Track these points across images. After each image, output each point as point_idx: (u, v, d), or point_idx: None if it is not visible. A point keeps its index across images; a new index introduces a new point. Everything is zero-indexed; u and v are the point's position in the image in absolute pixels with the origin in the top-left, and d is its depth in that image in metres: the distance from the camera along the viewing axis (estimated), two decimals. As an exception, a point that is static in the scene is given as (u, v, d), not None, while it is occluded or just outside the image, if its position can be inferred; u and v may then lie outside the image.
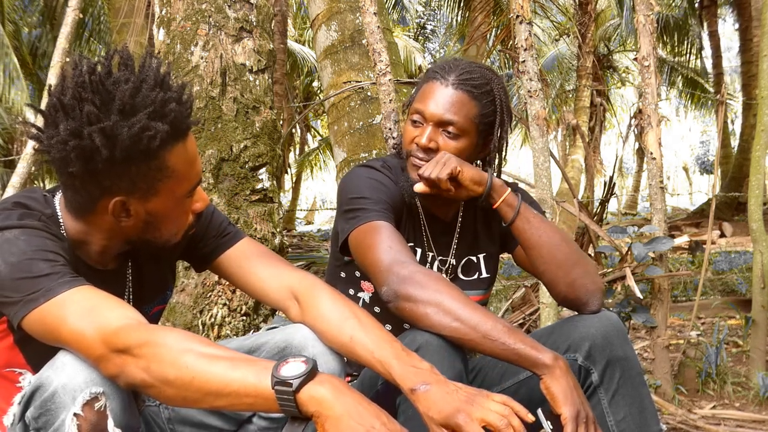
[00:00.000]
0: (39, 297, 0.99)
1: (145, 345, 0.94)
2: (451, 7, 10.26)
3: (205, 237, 1.33)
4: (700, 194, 29.77)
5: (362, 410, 0.90)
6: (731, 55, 18.43)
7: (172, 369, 0.93)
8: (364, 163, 1.56)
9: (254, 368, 0.93)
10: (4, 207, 1.11)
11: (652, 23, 2.44)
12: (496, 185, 1.43)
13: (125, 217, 1.12)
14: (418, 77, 8.30)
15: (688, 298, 4.64)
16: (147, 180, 1.08)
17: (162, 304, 1.38)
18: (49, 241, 1.07)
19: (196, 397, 0.94)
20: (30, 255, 1.02)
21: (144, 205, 1.11)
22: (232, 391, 0.92)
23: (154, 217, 1.14)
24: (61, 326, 0.98)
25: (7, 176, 9.40)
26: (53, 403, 0.95)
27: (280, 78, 9.60)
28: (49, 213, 1.15)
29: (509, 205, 1.43)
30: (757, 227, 2.70)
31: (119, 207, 1.10)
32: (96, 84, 1.03)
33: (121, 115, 1.02)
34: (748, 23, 10.67)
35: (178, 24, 2.66)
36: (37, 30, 11.33)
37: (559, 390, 1.14)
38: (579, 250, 1.45)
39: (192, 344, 0.95)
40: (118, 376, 0.96)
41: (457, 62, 1.48)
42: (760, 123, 2.72)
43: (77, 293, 1.01)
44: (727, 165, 12.11)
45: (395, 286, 1.24)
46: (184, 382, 0.93)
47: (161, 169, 1.08)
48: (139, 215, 1.12)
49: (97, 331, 0.96)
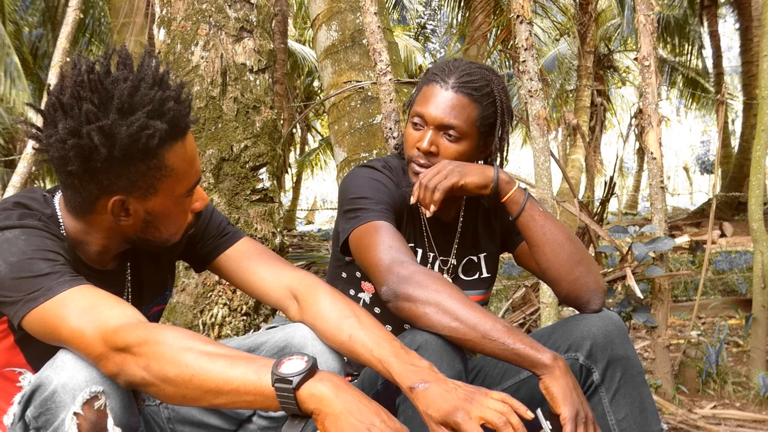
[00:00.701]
0: (39, 296, 0.99)
1: (145, 343, 0.94)
2: (452, 6, 10.25)
3: (204, 237, 1.33)
4: (700, 194, 29.75)
5: (362, 407, 0.90)
6: (731, 55, 18.42)
7: (172, 367, 0.93)
8: (366, 163, 1.55)
9: (254, 366, 0.93)
10: (4, 207, 1.11)
11: (653, 23, 2.44)
12: (502, 182, 1.41)
13: (124, 216, 1.12)
14: (418, 77, 8.29)
15: (689, 298, 4.64)
16: (146, 179, 1.08)
17: (161, 304, 1.38)
18: (49, 241, 1.07)
19: (195, 395, 0.93)
20: (30, 254, 1.02)
21: (143, 205, 1.11)
22: (232, 389, 0.92)
23: (153, 216, 1.13)
24: (61, 325, 0.98)
25: (7, 176, 9.40)
26: (53, 402, 0.95)
27: (281, 78, 9.60)
28: (49, 213, 1.15)
29: (515, 202, 1.41)
30: (757, 227, 2.70)
31: (118, 206, 1.10)
32: (95, 83, 1.03)
33: (119, 113, 1.02)
34: (748, 23, 10.67)
35: (178, 24, 2.66)
36: (37, 30, 11.34)
37: (558, 390, 1.14)
38: (583, 249, 1.44)
39: (192, 342, 0.95)
40: (118, 374, 0.96)
41: (457, 64, 1.48)
42: (760, 123, 2.72)
43: (77, 292, 1.01)
44: (727, 165, 12.11)
45: (395, 286, 1.24)
46: (183, 380, 0.93)
47: (160, 168, 1.08)
48: (138, 214, 1.12)
49: (97, 329, 0.96)
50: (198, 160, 1.17)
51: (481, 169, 1.41)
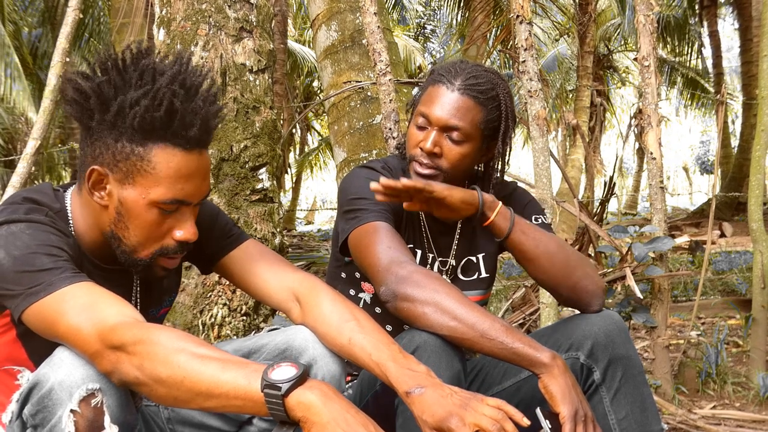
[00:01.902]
0: (40, 291, 1.00)
1: (140, 342, 0.94)
2: (451, 7, 10.26)
3: (210, 238, 1.33)
4: (700, 194, 29.78)
5: (350, 418, 0.90)
6: (731, 55, 18.43)
7: (164, 368, 0.93)
8: (365, 164, 1.56)
9: (245, 371, 0.93)
10: (13, 201, 1.12)
11: (653, 23, 2.43)
12: (487, 201, 1.38)
13: (100, 191, 1.12)
14: (418, 77, 8.24)
15: (688, 298, 4.64)
16: (127, 163, 1.09)
17: (168, 306, 1.39)
18: (53, 236, 1.07)
19: (186, 397, 0.94)
20: (34, 249, 1.03)
21: (118, 190, 1.11)
22: (222, 392, 0.92)
23: (124, 208, 1.12)
24: (59, 321, 0.98)
25: (7, 176, 9.41)
26: (50, 399, 0.96)
27: (280, 78, 9.60)
28: (58, 208, 1.15)
29: (504, 218, 1.38)
30: (757, 227, 2.70)
31: (96, 176, 1.11)
32: (139, 56, 1.10)
33: (140, 80, 1.07)
34: (748, 23, 10.67)
35: (178, 24, 2.66)
36: (37, 30, 11.34)
37: (557, 389, 1.14)
38: (576, 253, 1.44)
39: (185, 344, 0.95)
40: (113, 372, 0.96)
41: (464, 66, 1.48)
42: (760, 123, 2.72)
43: (77, 289, 1.01)
44: (727, 165, 12.11)
45: (393, 286, 1.24)
46: (175, 381, 0.93)
47: (143, 158, 1.08)
48: (112, 198, 1.12)
49: (94, 327, 0.96)
50: (197, 185, 1.13)
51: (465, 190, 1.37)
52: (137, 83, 1.07)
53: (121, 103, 1.05)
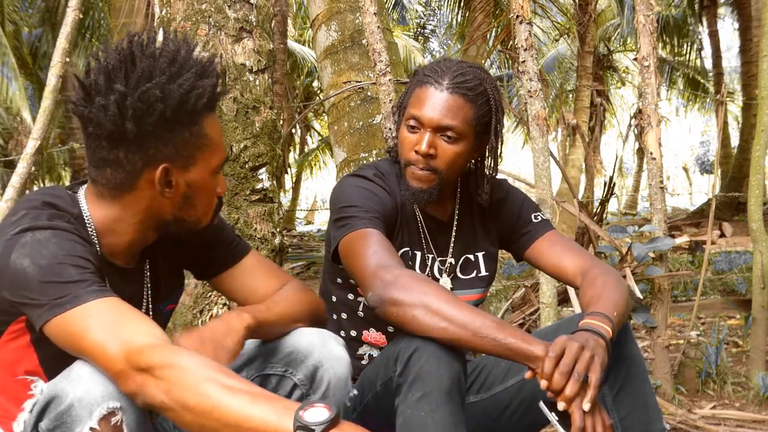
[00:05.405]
0: (65, 303, 0.97)
1: (168, 367, 0.93)
2: (451, 7, 10.26)
3: (218, 244, 1.34)
4: (700, 194, 29.73)
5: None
6: (731, 55, 18.42)
7: (193, 396, 0.91)
8: (355, 172, 1.55)
9: (275, 406, 0.91)
10: (32, 206, 1.09)
11: (652, 23, 2.44)
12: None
13: (168, 188, 1.13)
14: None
15: (688, 298, 4.64)
16: (188, 147, 1.11)
17: (174, 303, 1.39)
18: (79, 246, 1.05)
19: (214, 426, 0.92)
20: (61, 259, 1.00)
21: (184, 176, 1.13)
22: (251, 427, 0.90)
23: (192, 189, 1.15)
24: (83, 336, 0.97)
25: (7, 176, 9.40)
26: (69, 416, 0.94)
27: (280, 78, 9.59)
28: (77, 213, 1.13)
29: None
30: (757, 227, 2.70)
31: (163, 176, 1.11)
32: (138, 50, 1.08)
33: (169, 74, 1.07)
34: (748, 23, 10.68)
35: (178, 24, 2.66)
36: (37, 30, 11.34)
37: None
38: (625, 293, 1.38)
39: (214, 373, 0.94)
40: (137, 394, 0.95)
41: (449, 64, 1.47)
42: (760, 123, 2.72)
43: (104, 304, 0.99)
44: (727, 165, 12.11)
45: (380, 291, 1.23)
46: (203, 410, 0.91)
47: (201, 135, 1.12)
48: (179, 187, 1.14)
49: (121, 346, 0.95)
50: (224, 141, 1.21)
51: (594, 338, 1.21)
52: (175, 71, 1.08)
53: (179, 93, 1.06)
